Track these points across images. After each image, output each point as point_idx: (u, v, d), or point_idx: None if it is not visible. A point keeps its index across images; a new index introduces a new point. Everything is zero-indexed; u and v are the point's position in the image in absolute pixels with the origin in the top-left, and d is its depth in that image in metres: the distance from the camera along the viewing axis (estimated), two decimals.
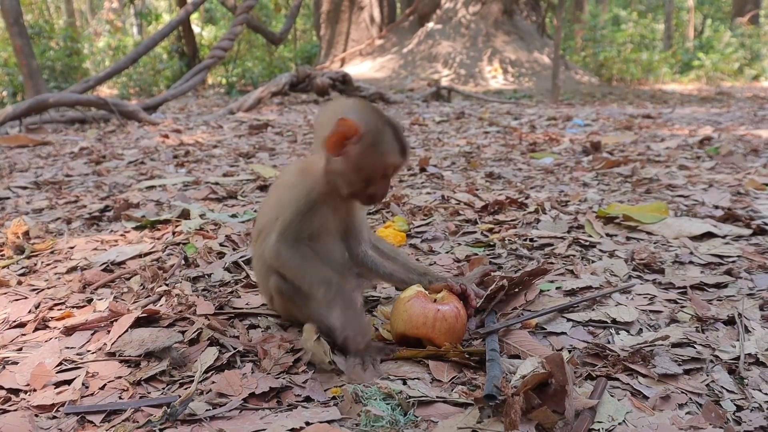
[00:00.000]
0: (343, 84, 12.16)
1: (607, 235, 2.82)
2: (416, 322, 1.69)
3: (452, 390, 1.53)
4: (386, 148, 1.69)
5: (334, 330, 1.68)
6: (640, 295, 2.10)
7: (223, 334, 1.85)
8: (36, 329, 1.98)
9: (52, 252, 2.85)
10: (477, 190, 3.90)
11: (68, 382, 1.63)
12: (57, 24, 21.90)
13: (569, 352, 1.72)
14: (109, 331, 1.90)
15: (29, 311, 2.11)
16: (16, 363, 1.74)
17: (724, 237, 2.69)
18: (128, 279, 2.43)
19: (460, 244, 2.77)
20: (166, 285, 2.30)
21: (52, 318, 2.05)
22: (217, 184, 4.34)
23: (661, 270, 2.33)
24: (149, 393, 1.57)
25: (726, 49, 21.32)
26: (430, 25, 19.62)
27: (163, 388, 1.59)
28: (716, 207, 3.20)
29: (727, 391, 1.50)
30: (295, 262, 1.74)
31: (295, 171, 1.88)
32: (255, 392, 1.52)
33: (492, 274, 2.17)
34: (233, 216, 3.37)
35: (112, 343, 1.80)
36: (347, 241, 1.94)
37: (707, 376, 1.57)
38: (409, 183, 4.31)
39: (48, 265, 2.68)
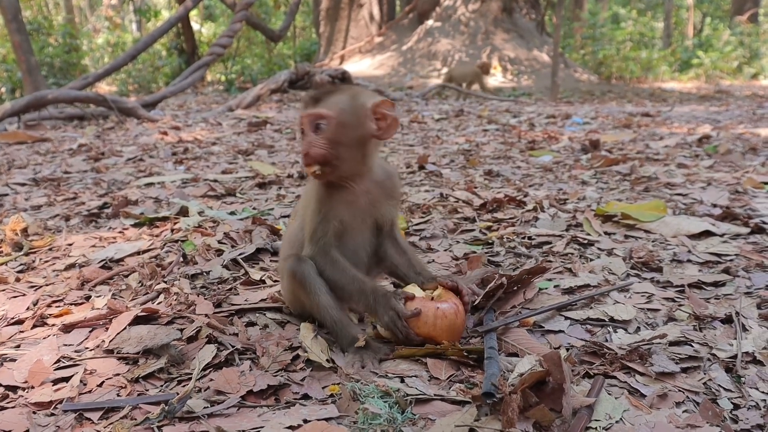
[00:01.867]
0: (343, 81, 12.15)
1: (606, 233, 2.83)
2: (417, 322, 1.69)
3: (450, 388, 1.53)
4: None
5: (385, 330, 1.76)
6: (638, 293, 2.10)
7: (222, 331, 1.85)
8: (34, 326, 1.98)
9: (50, 249, 2.85)
10: (476, 188, 3.90)
11: (66, 379, 1.63)
12: (56, 20, 21.83)
13: (567, 350, 1.72)
14: (107, 328, 1.90)
15: (27, 308, 2.11)
16: (14, 360, 1.74)
17: (722, 235, 2.69)
18: (126, 276, 2.43)
19: (458, 242, 2.77)
20: (165, 282, 2.30)
21: (50, 315, 2.05)
22: (215, 181, 4.34)
23: (659, 268, 2.34)
24: (147, 390, 1.57)
25: (725, 48, 21.32)
26: (430, 22, 19.59)
27: (161, 386, 1.59)
28: (714, 205, 3.20)
29: (725, 389, 1.50)
30: (331, 275, 1.78)
31: None
32: (253, 390, 1.52)
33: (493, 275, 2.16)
34: (232, 213, 3.37)
35: (111, 341, 1.80)
36: (375, 232, 1.92)
37: (704, 374, 1.57)
38: (408, 181, 4.31)
39: (46, 262, 2.68)
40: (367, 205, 1.84)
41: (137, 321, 1.91)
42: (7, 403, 1.53)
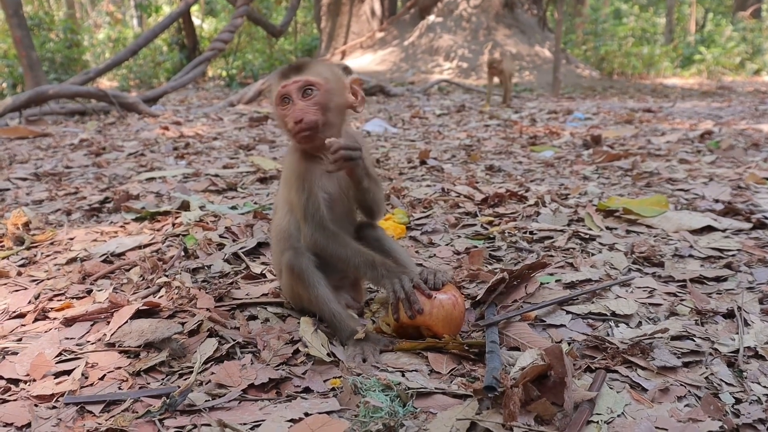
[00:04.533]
0: None
1: (607, 228, 2.82)
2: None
3: (451, 381, 1.53)
4: (270, 92, 1.80)
5: (387, 293, 1.73)
6: (639, 288, 2.10)
7: (223, 325, 1.85)
8: (36, 320, 1.98)
9: (51, 243, 2.85)
10: (477, 182, 3.89)
11: (68, 372, 1.63)
12: (57, 15, 21.81)
13: (569, 344, 1.72)
14: (108, 322, 1.91)
15: (29, 302, 2.12)
16: (15, 353, 1.74)
17: (724, 231, 2.69)
18: (128, 270, 2.43)
19: (460, 237, 2.77)
20: (166, 276, 2.30)
21: (51, 309, 2.05)
22: (217, 176, 4.34)
23: (660, 263, 2.33)
24: (148, 383, 1.57)
25: (727, 44, 21.27)
26: (431, 18, 19.54)
27: (163, 379, 1.59)
28: (716, 201, 3.20)
29: (726, 383, 1.50)
30: (334, 250, 1.78)
31: (288, 149, 1.92)
32: (254, 383, 1.52)
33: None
34: (233, 208, 3.36)
35: (112, 334, 1.80)
36: (354, 206, 1.95)
37: (706, 368, 1.57)
38: (410, 175, 4.30)
39: (48, 256, 2.68)
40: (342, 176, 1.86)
41: (138, 315, 1.91)
42: (9, 396, 1.53)
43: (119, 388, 1.55)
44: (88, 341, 1.82)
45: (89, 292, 2.22)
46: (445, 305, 1.70)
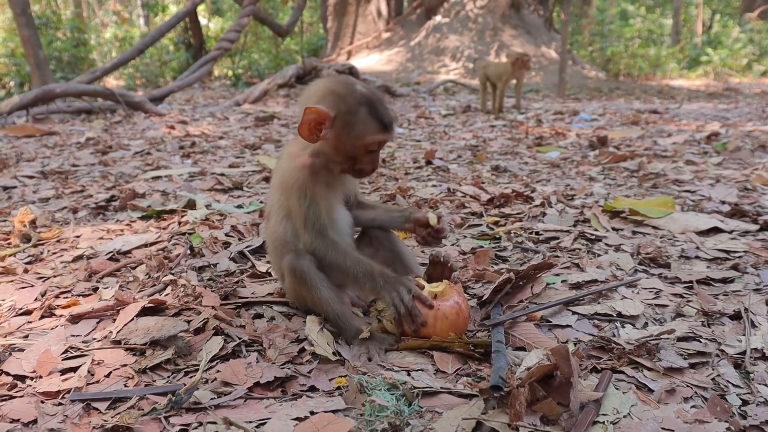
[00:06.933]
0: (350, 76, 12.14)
1: (613, 229, 2.82)
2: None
3: (457, 381, 1.53)
4: (363, 129, 1.68)
5: (388, 308, 1.72)
6: (645, 289, 2.09)
7: (229, 323, 1.85)
8: (42, 317, 1.99)
9: (58, 241, 2.86)
10: (483, 183, 3.89)
11: (74, 369, 1.63)
12: (64, 14, 21.89)
13: (574, 344, 1.71)
14: (114, 320, 1.91)
15: (35, 299, 2.12)
16: (22, 350, 1.75)
17: (730, 232, 2.68)
18: (134, 268, 2.44)
19: (465, 237, 2.77)
20: (172, 274, 2.30)
21: (58, 306, 2.06)
22: (222, 175, 4.34)
23: (667, 264, 2.33)
24: (154, 381, 1.57)
25: (734, 45, 21.17)
26: (438, 18, 19.53)
27: (168, 377, 1.59)
28: (723, 202, 3.19)
29: (733, 385, 1.49)
30: (333, 258, 1.77)
31: (288, 155, 1.87)
32: (260, 381, 1.52)
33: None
34: (239, 206, 3.37)
35: (118, 332, 1.81)
36: (350, 207, 1.96)
37: (713, 370, 1.56)
38: (415, 176, 4.30)
39: (54, 253, 2.69)
40: (340, 182, 1.88)
41: (144, 312, 1.91)
42: (16, 392, 1.53)
43: (125, 386, 1.55)
44: (94, 338, 1.82)
45: (95, 289, 2.22)
46: (449, 315, 1.68)
